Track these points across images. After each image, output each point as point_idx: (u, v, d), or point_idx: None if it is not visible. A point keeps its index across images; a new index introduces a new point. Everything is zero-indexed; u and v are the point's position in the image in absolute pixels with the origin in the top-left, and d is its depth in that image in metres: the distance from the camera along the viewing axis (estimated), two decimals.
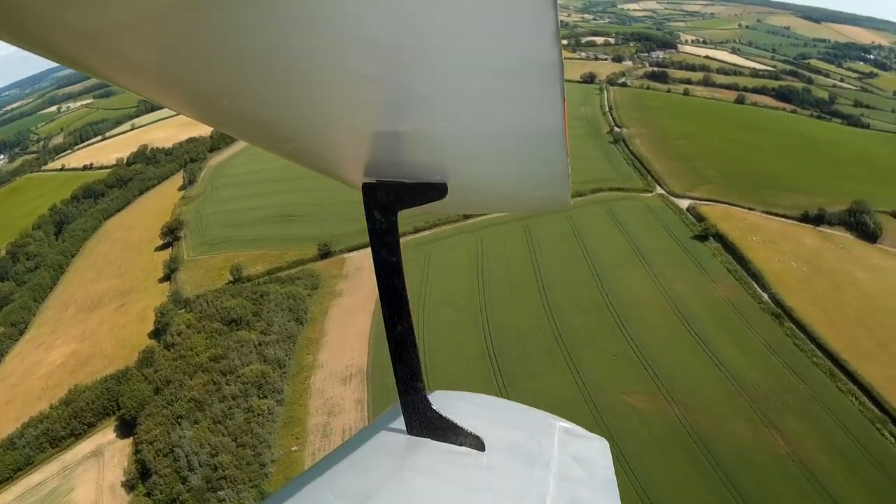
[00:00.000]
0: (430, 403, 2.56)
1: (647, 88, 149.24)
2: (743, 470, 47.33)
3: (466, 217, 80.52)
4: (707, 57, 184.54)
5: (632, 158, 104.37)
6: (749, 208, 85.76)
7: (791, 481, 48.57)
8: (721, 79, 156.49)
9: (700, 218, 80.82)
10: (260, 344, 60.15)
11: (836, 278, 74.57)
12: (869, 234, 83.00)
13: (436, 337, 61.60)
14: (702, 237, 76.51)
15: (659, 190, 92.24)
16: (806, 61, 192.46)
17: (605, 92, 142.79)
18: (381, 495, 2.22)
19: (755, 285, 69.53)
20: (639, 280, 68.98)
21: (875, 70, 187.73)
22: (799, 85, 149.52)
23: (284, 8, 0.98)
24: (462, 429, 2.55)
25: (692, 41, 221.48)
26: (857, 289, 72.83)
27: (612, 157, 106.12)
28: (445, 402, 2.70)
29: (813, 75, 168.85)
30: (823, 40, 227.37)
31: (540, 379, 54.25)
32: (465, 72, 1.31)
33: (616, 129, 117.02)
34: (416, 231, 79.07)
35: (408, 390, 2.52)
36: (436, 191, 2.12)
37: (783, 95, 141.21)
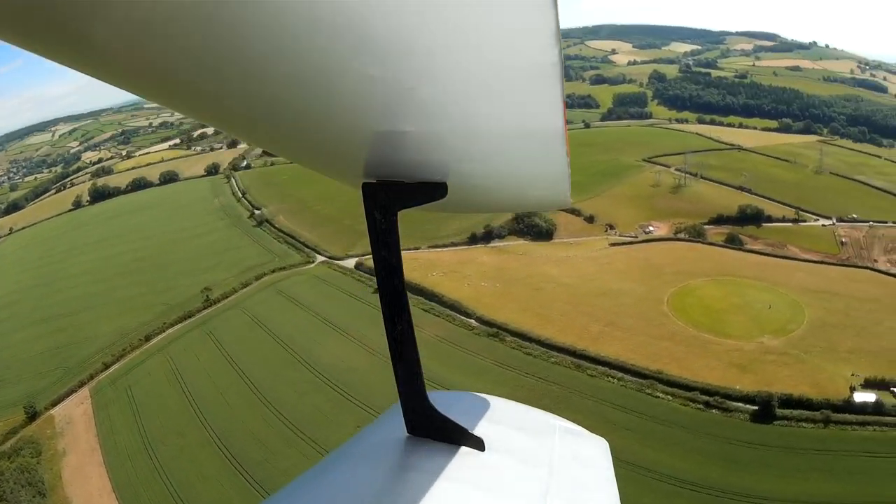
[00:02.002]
0: (430, 403, 3.74)
1: (271, 164, 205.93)
2: None
3: (148, 338, 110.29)
4: None
5: (282, 235, 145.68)
6: (415, 248, 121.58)
7: None
8: None
9: (373, 272, 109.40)
10: None
11: (532, 282, 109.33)
12: (543, 234, 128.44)
13: (175, 468, 77.11)
14: None
15: (320, 258, 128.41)
16: None
17: (233, 179, 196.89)
18: (382, 495, 3.32)
19: (458, 315, 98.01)
20: (344, 348, 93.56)
21: None
22: None
23: (287, 7, 1.43)
24: (462, 428, 3.72)
25: None
26: (556, 284, 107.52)
27: (263, 240, 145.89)
28: (446, 402, 3.90)
29: None
30: None
31: (298, 474, 67.77)
32: (465, 71, 1.96)
33: (256, 211, 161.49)
34: (106, 367, 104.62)
35: (408, 390, 3.69)
36: (436, 190, 3.19)
37: None
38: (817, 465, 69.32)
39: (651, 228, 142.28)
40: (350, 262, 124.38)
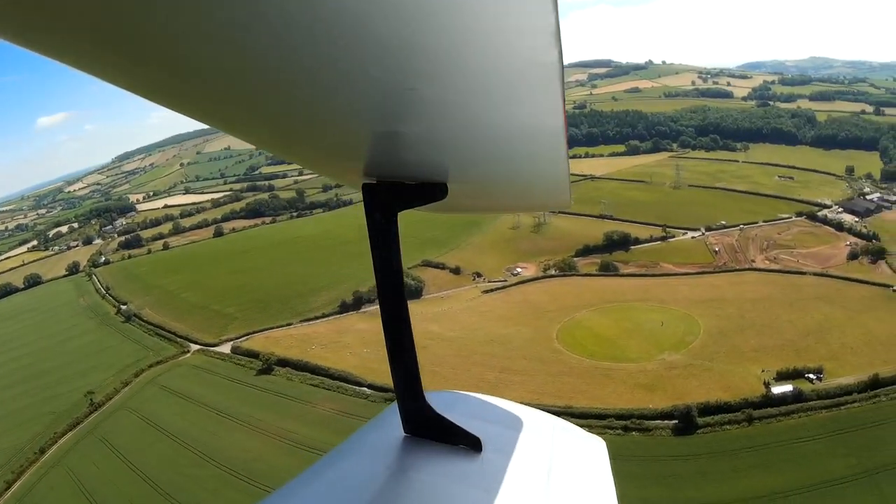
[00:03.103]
0: (427, 403, 4.12)
1: (129, 258, 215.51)
2: None
3: (42, 451, 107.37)
4: (167, 206, 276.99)
5: (152, 328, 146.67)
6: (287, 324, 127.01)
7: None
8: (189, 221, 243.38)
9: (252, 354, 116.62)
10: None
11: (416, 342, 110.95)
12: (413, 292, 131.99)
13: None
14: (266, 370, 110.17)
15: (195, 346, 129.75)
16: (256, 171, 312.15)
17: (94, 276, 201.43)
18: (379, 494, 3.61)
19: (349, 385, 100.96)
20: (242, 436, 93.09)
21: None
22: (265, 195, 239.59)
23: (287, 8, 1.49)
24: (459, 428, 4.06)
25: (144, 198, 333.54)
26: (441, 340, 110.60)
27: (135, 336, 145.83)
28: (443, 402, 4.28)
29: (271, 182, 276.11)
30: None
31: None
32: (466, 72, 2.08)
33: (122, 307, 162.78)
34: (9, 486, 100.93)
35: (405, 390, 4.07)
36: (437, 191, 3.47)
37: (254, 211, 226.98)
38: (753, 463, 73.25)
39: (519, 270, 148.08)
40: (226, 348, 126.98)
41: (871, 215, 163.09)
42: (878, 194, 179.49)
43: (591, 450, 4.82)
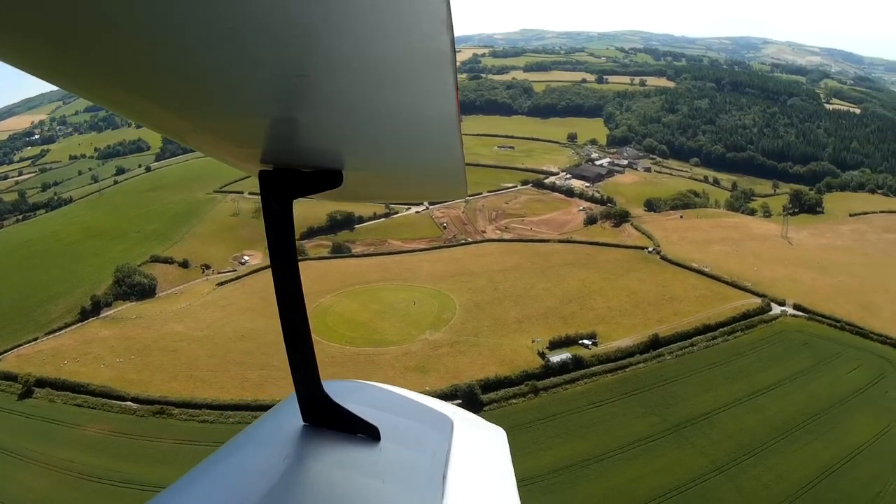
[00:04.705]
0: (324, 392, 4.04)
1: None
2: None
3: None
4: None
5: None
6: (33, 339, 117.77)
7: None
8: None
9: (9, 377, 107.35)
10: None
11: (165, 345, 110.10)
12: (148, 291, 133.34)
13: None
14: (27, 393, 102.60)
15: None
16: None
17: None
18: (276, 484, 3.63)
19: (112, 401, 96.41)
20: (27, 475, 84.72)
21: (46, 147, 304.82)
22: None
23: None
24: (357, 417, 4.04)
25: None
26: (190, 340, 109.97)
27: None
28: (342, 391, 4.22)
29: None
30: None
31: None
32: (358, 59, 2.12)
33: None
34: None
35: (303, 379, 3.98)
36: (332, 178, 3.52)
37: None
38: (551, 433, 77.87)
39: (246, 258, 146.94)
40: None
41: (603, 180, 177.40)
42: (607, 159, 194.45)
43: (492, 439, 5.04)
